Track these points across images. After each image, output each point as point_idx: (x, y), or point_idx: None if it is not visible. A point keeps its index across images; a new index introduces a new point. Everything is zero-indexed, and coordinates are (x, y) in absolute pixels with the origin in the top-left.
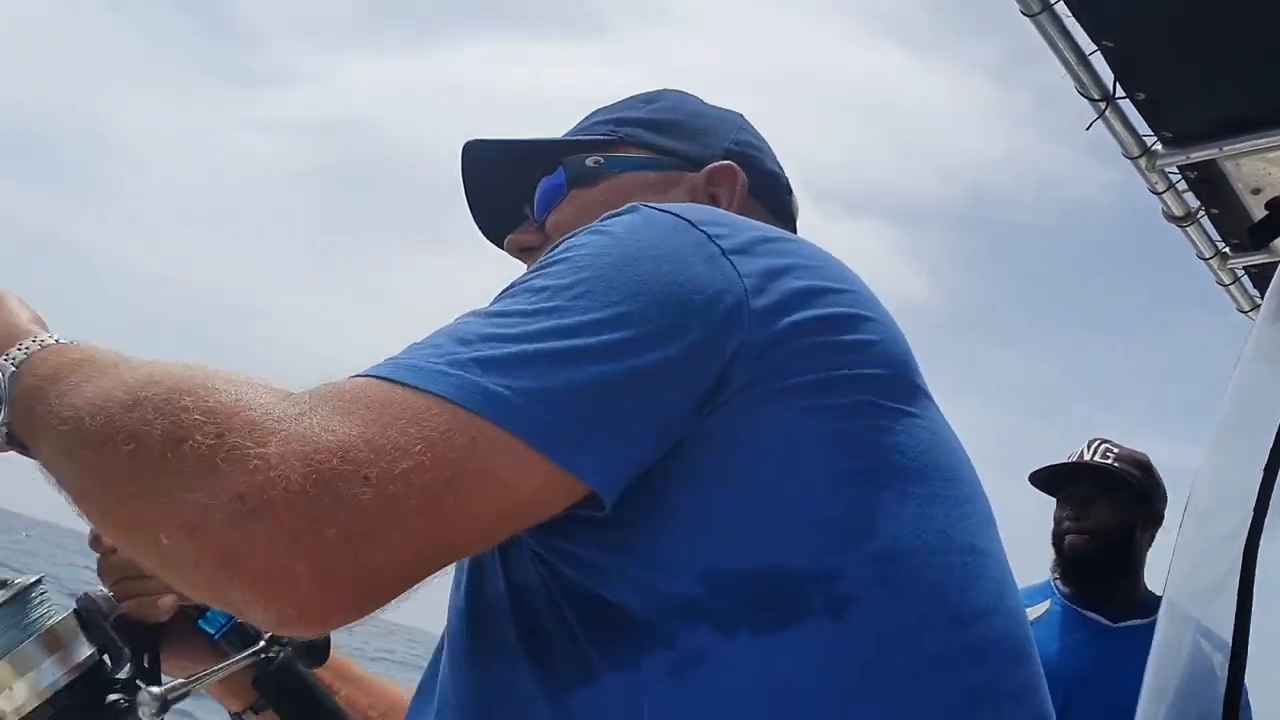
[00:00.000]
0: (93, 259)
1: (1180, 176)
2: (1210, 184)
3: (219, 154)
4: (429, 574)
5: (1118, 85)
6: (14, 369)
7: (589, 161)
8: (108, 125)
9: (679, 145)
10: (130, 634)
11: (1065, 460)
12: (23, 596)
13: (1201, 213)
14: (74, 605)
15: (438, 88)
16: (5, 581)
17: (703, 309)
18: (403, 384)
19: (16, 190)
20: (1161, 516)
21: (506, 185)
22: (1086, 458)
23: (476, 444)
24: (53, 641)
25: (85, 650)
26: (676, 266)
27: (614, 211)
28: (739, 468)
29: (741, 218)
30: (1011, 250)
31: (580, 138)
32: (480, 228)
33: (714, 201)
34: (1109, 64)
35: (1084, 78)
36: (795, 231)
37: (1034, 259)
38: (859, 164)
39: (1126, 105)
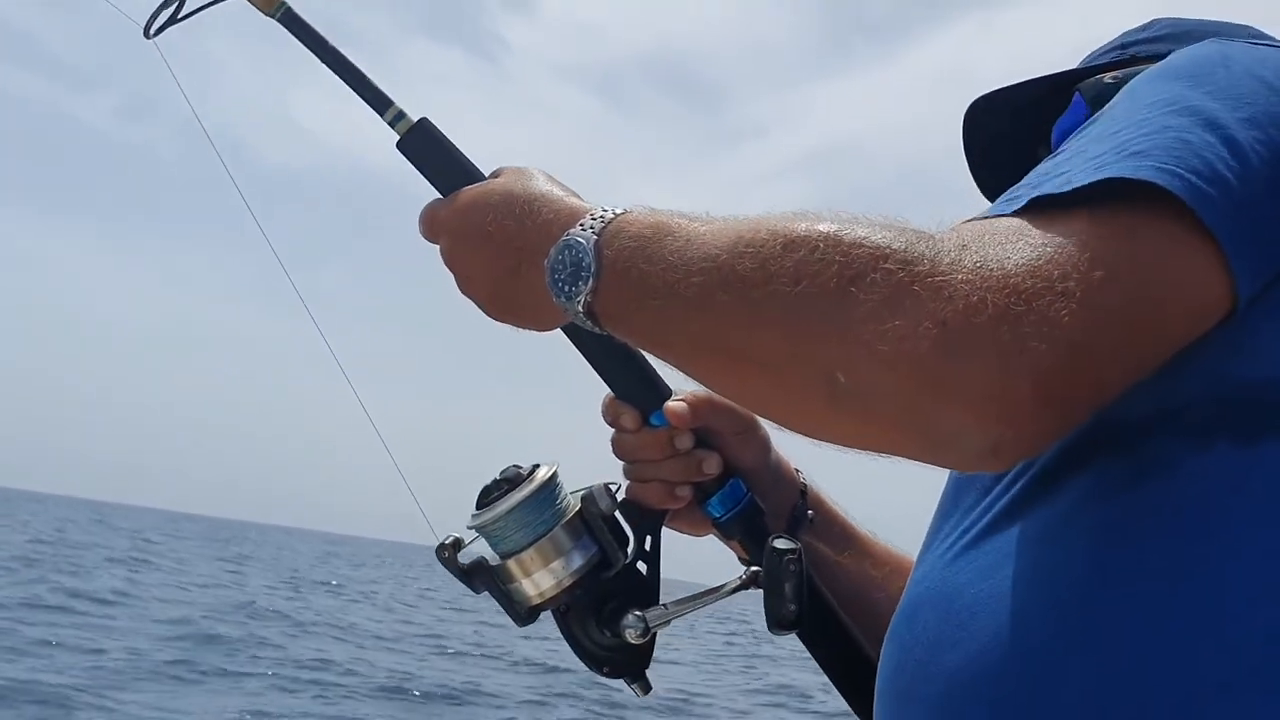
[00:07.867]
0: None
1: None
2: None
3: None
4: (1119, 392)
5: None
6: (596, 238)
7: (1108, 79)
8: None
9: None
10: (635, 515)
11: None
12: (549, 484)
13: None
14: (581, 497)
15: (914, 89)
16: (523, 469)
17: None
18: (1056, 205)
19: None
20: None
21: (1012, 139)
22: None
23: (1159, 241)
24: (574, 530)
25: (593, 545)
26: None
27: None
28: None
29: None
30: None
31: (1088, 65)
32: (980, 187)
33: None
34: None
35: None
36: None
37: None
38: None
39: None
